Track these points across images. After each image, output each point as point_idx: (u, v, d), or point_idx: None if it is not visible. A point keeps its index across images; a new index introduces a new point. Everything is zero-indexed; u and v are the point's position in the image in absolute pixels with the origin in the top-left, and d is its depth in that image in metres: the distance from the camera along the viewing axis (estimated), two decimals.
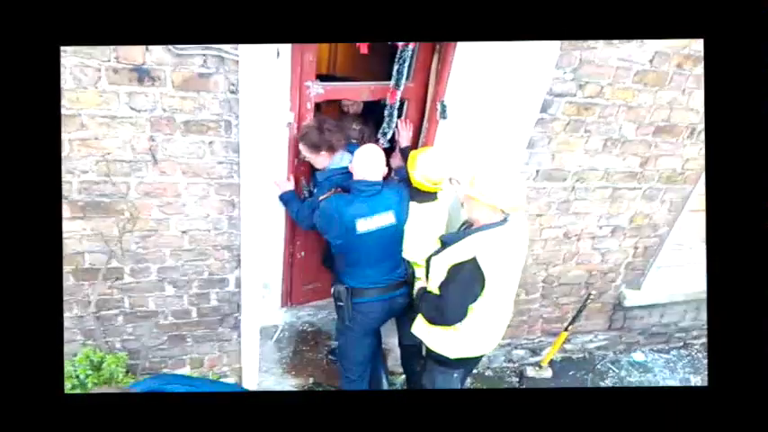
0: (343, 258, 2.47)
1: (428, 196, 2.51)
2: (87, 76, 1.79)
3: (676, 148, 2.80)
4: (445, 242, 2.15)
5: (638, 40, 2.36)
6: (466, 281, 2.02)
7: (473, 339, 2.21)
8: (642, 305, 3.48)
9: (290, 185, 2.70)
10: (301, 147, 2.54)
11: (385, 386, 2.98)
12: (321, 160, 2.55)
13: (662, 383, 3.57)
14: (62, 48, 1.71)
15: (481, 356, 2.37)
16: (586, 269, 3.19)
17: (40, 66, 1.25)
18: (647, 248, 3.23)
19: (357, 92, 2.78)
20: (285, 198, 2.67)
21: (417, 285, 2.39)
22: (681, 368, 3.71)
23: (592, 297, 3.21)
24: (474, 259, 1.98)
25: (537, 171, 2.65)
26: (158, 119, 1.95)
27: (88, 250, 2.17)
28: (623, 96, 2.54)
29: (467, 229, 2.19)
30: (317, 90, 2.54)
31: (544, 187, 2.72)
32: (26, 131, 1.25)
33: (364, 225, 2.34)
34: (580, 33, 1.38)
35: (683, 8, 1.30)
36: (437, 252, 2.17)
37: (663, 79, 2.53)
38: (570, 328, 3.28)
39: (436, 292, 2.14)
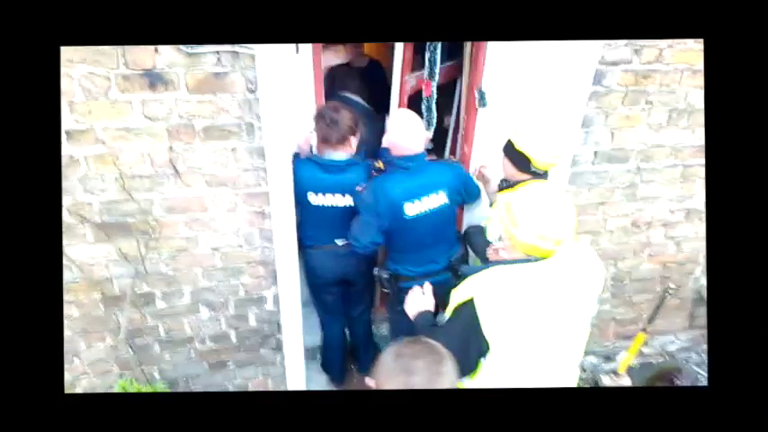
0: (389, 243, 2.22)
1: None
2: (96, 85, 1.69)
3: None
4: (462, 274, 1.66)
5: None
6: (461, 328, 1.51)
7: None
8: None
9: None
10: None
11: None
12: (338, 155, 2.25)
13: None
14: (69, 59, 1.64)
15: None
16: (660, 261, 2.85)
17: (41, 66, 1.22)
18: None
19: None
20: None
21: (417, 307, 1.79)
22: None
23: (670, 293, 2.85)
24: (471, 301, 1.49)
25: (595, 153, 2.37)
26: (176, 127, 1.82)
27: (116, 275, 2.05)
28: (686, 59, 2.24)
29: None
30: None
31: (606, 171, 2.43)
32: (26, 132, 1.22)
33: (413, 209, 2.08)
34: (578, 33, 1.34)
35: (683, 8, 1.29)
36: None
37: None
38: (648, 329, 2.92)
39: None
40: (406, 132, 2.08)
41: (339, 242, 2.33)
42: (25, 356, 1.17)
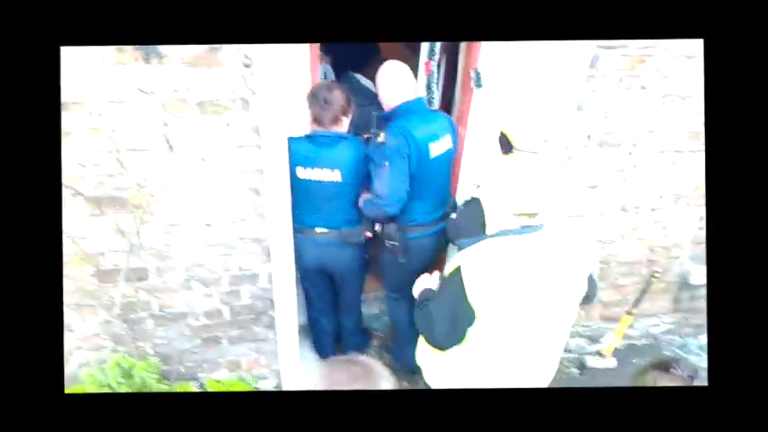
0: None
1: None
2: (90, 57, 1.66)
3: None
4: (460, 247, 1.74)
5: None
6: (449, 295, 1.59)
7: (476, 377, 1.69)
8: None
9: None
10: None
11: None
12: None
13: None
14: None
15: None
16: (647, 245, 2.90)
17: (41, 66, 1.23)
18: None
19: None
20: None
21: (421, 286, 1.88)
22: None
23: (656, 276, 2.90)
24: (458, 270, 1.56)
25: (588, 136, 2.39)
26: (170, 101, 1.81)
27: (109, 249, 2.05)
28: (681, 44, 2.25)
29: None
30: None
31: (597, 154, 2.45)
32: (26, 133, 1.23)
33: (436, 148, 2.13)
34: (577, 34, 1.34)
35: (683, 8, 1.30)
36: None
37: None
38: (633, 311, 2.98)
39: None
40: (397, 81, 2.12)
41: (318, 230, 2.34)
42: (25, 356, 1.18)
